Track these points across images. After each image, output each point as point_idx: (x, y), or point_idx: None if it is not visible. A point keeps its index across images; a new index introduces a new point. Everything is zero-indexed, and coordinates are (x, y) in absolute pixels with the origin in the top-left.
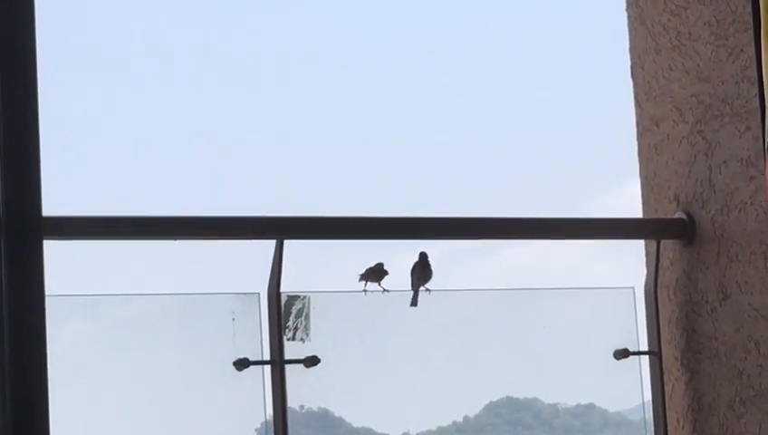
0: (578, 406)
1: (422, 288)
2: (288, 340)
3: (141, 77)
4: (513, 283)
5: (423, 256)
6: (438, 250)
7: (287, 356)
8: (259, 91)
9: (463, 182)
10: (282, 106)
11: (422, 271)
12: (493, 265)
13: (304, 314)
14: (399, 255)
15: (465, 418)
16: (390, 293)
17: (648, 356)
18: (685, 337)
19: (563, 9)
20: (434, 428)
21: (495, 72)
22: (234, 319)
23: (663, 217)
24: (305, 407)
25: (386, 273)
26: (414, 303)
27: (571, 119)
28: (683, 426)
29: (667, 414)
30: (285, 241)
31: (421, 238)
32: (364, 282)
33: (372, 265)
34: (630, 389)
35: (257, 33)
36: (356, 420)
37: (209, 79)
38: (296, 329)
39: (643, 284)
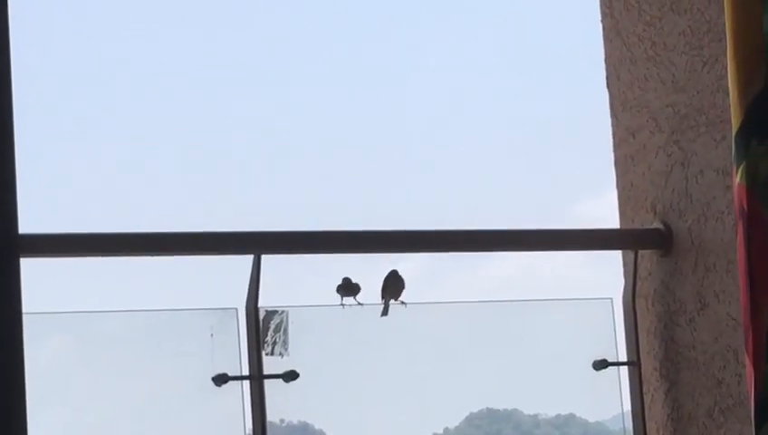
0: (558, 416)
1: (393, 301)
2: (267, 355)
3: (117, 97)
4: (492, 295)
5: (393, 273)
6: (418, 263)
7: (266, 371)
8: (235, 106)
9: (442, 195)
10: (258, 122)
11: (393, 284)
12: (472, 277)
13: (283, 329)
14: (379, 268)
15: (446, 430)
16: (368, 307)
17: (627, 366)
18: (663, 347)
19: (539, 22)
20: None
21: (471, 85)
22: (212, 335)
23: (640, 227)
24: (285, 421)
25: (357, 287)
26: (385, 312)
27: (549, 130)
28: None
29: (647, 424)
30: (263, 256)
31: (400, 252)
32: (341, 296)
33: (340, 281)
34: (610, 399)
35: (237, 47)
36: (336, 434)
37: (186, 94)
38: (275, 344)
39: (621, 294)
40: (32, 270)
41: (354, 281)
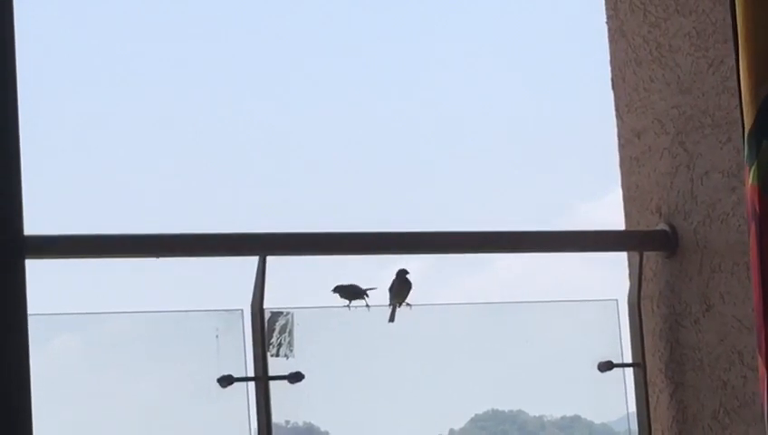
0: (563, 418)
1: (399, 306)
2: (272, 356)
3: (123, 97)
4: (498, 297)
5: (401, 273)
6: (424, 265)
7: (271, 372)
8: (240, 107)
9: (447, 197)
10: (263, 122)
11: (399, 287)
12: (478, 279)
13: (288, 331)
14: (384, 270)
15: (451, 431)
16: (374, 308)
17: (632, 368)
18: (668, 349)
19: (544, 23)
20: None
21: (475, 86)
22: (217, 336)
23: (645, 228)
24: (290, 422)
25: (362, 291)
26: (391, 319)
27: (554, 131)
28: None
29: (652, 426)
30: (268, 257)
31: (405, 253)
32: (348, 299)
33: (346, 284)
34: (615, 401)
35: (243, 48)
36: None
37: (190, 95)
38: (280, 345)
39: (626, 296)
40: (37, 271)
41: (360, 285)
